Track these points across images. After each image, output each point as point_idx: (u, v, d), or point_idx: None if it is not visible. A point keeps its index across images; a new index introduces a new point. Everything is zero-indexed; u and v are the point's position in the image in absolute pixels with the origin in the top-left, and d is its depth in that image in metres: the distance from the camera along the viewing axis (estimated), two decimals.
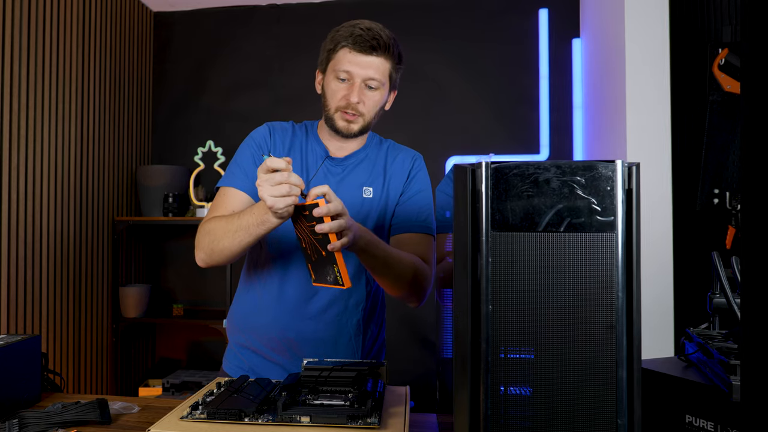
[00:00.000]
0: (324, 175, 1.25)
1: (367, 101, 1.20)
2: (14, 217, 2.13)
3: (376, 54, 1.17)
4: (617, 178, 0.57)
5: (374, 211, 1.25)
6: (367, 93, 1.20)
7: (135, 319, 2.76)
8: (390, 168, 1.29)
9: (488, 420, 0.57)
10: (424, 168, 1.33)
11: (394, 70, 1.23)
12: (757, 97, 0.40)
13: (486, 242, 0.58)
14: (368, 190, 1.25)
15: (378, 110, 1.25)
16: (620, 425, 0.56)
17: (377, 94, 1.21)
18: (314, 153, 1.27)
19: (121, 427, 0.91)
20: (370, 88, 1.20)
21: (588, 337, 0.57)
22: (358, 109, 1.19)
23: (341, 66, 1.18)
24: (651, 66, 1.99)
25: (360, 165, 1.28)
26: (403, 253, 1.17)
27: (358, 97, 1.18)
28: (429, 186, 1.32)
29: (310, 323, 1.22)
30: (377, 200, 1.25)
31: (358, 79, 1.17)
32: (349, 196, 1.23)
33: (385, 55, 1.18)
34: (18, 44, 2.14)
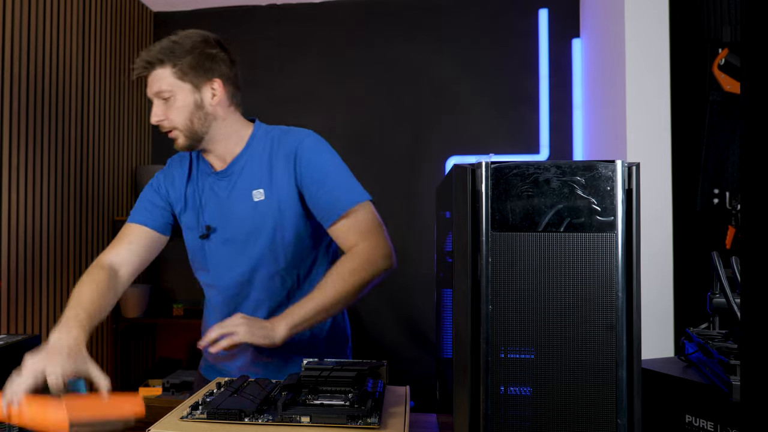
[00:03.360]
0: (213, 194, 1.23)
1: (169, 113, 1.17)
2: (14, 217, 2.13)
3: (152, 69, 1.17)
4: (617, 178, 0.57)
5: (270, 212, 1.19)
6: (165, 106, 1.18)
7: (135, 319, 2.76)
8: (275, 159, 1.21)
9: (488, 420, 0.57)
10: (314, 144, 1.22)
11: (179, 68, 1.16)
12: (757, 98, 0.40)
13: (486, 242, 0.58)
14: (259, 193, 1.19)
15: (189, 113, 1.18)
16: (620, 425, 0.56)
17: (175, 101, 1.17)
18: (203, 173, 1.26)
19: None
20: (165, 100, 1.18)
21: (588, 337, 0.57)
22: (162, 125, 1.19)
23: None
24: (651, 66, 1.99)
25: (245, 169, 1.22)
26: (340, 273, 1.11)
27: (155, 116, 1.18)
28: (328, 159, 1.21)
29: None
30: (271, 200, 1.19)
31: (154, 99, 1.19)
32: (241, 206, 1.20)
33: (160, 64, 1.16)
34: (18, 44, 2.14)
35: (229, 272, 1.22)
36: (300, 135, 1.23)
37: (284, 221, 1.19)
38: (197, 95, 1.18)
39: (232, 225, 1.21)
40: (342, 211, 1.16)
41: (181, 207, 1.27)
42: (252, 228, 1.19)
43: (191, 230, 1.26)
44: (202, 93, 1.19)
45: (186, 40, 1.18)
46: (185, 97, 1.17)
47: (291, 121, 3.22)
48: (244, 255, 1.20)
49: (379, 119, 2.86)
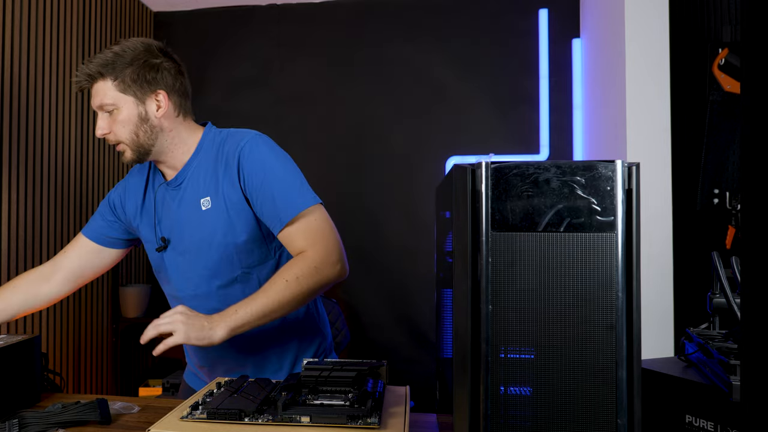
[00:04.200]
0: (163, 205, 1.22)
1: (113, 127, 1.15)
2: (14, 217, 2.13)
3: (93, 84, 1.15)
4: (617, 178, 0.57)
5: (219, 220, 1.15)
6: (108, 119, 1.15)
7: (135, 319, 2.76)
8: (219, 166, 1.17)
9: (488, 420, 0.57)
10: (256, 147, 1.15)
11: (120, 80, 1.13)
12: (757, 98, 0.40)
13: (486, 242, 0.58)
14: (206, 201, 1.16)
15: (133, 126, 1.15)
16: (620, 425, 0.56)
17: (118, 114, 1.14)
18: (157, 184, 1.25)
19: (121, 427, 0.91)
20: (109, 113, 1.15)
21: (588, 337, 0.56)
22: (108, 139, 1.17)
23: None
24: (651, 66, 1.99)
25: (192, 177, 1.19)
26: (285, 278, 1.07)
27: (100, 129, 1.16)
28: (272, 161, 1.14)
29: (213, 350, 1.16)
30: (218, 207, 1.15)
31: (98, 111, 1.16)
32: (189, 215, 1.18)
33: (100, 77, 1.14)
34: (18, 44, 2.14)
35: (188, 282, 1.21)
36: (242, 139, 1.16)
37: (235, 227, 1.14)
38: (141, 108, 1.15)
39: (184, 235, 1.19)
40: (288, 217, 1.11)
41: (138, 220, 1.26)
42: (202, 237, 1.16)
43: (149, 243, 1.25)
44: (147, 105, 1.15)
45: (127, 51, 1.14)
46: (129, 110, 1.14)
47: (291, 121, 3.21)
48: (199, 265, 1.18)
49: (379, 119, 2.86)
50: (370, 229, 2.81)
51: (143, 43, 1.16)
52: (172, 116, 1.18)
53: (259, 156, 1.14)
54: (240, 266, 1.17)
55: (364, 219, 2.82)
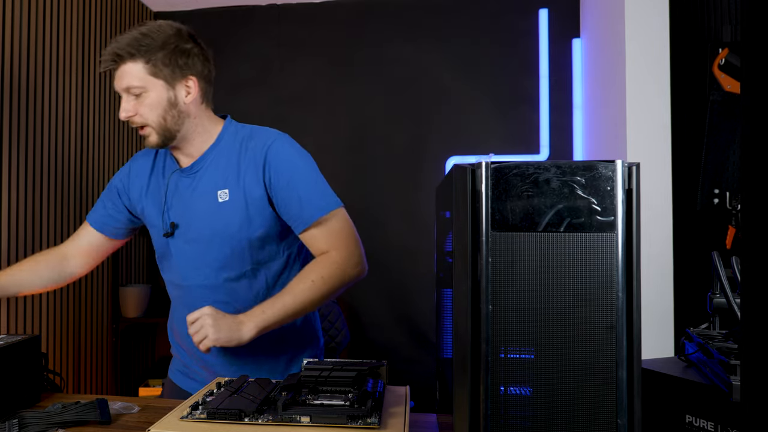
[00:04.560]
0: (176, 191, 1.21)
1: (139, 109, 1.13)
2: (14, 217, 2.13)
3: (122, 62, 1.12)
4: (617, 178, 0.57)
5: (236, 214, 1.15)
6: (135, 102, 1.13)
7: (135, 319, 2.76)
8: (243, 161, 1.17)
9: (488, 420, 0.57)
10: (284, 147, 1.17)
11: (153, 64, 1.11)
12: (757, 98, 0.40)
13: (486, 242, 0.58)
14: (224, 193, 1.16)
15: (162, 110, 1.14)
16: (620, 425, 0.56)
17: (146, 98, 1.13)
18: (169, 169, 1.24)
19: (121, 427, 0.91)
20: (136, 96, 1.13)
21: (588, 337, 0.56)
22: (134, 121, 1.15)
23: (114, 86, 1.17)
24: (651, 66, 1.99)
25: (210, 168, 1.19)
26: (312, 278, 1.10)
27: (125, 111, 1.14)
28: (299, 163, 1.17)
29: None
30: (237, 201, 1.15)
31: (123, 94, 1.14)
32: (204, 205, 1.17)
33: (130, 58, 1.11)
34: (18, 44, 2.14)
35: (195, 272, 1.19)
36: (269, 138, 1.18)
37: (252, 223, 1.15)
38: (171, 92, 1.14)
39: (195, 224, 1.18)
40: (313, 218, 1.13)
41: (143, 203, 1.25)
42: (216, 229, 1.16)
43: (155, 227, 1.23)
44: (176, 90, 1.14)
45: (159, 34, 1.12)
46: (158, 93, 1.13)
47: (291, 121, 3.22)
48: (209, 256, 1.18)
49: (379, 119, 2.86)
50: (370, 229, 2.81)
51: (172, 26, 1.16)
52: (198, 103, 1.18)
53: (286, 156, 1.15)
54: (250, 261, 1.18)
55: (364, 219, 2.82)
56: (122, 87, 1.13)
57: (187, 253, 1.19)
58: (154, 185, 1.24)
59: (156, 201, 1.23)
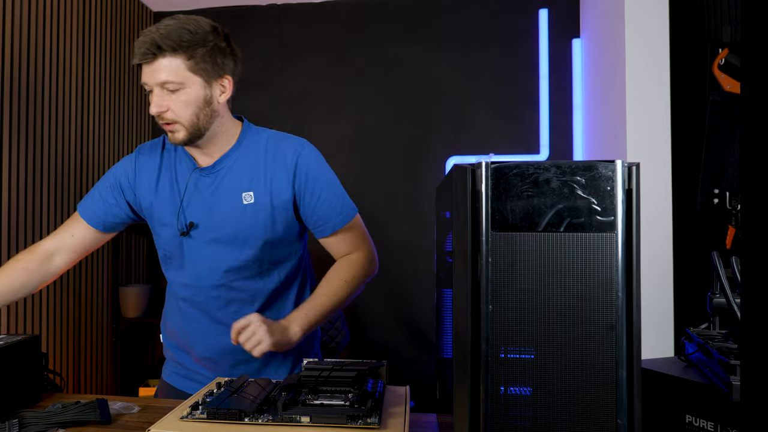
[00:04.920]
0: (195, 190, 1.19)
1: (172, 105, 1.10)
2: (14, 217, 2.13)
3: (161, 55, 1.08)
4: (617, 178, 0.57)
5: (261, 217, 1.16)
6: (169, 97, 1.10)
7: (135, 319, 2.76)
8: (271, 164, 1.17)
9: (488, 420, 0.57)
10: (313, 155, 1.20)
11: (194, 60, 1.09)
12: (757, 98, 0.40)
13: (486, 242, 0.58)
14: (248, 195, 1.16)
15: (197, 108, 1.12)
16: (620, 425, 0.56)
17: (182, 94, 1.10)
18: (183, 167, 1.21)
19: (121, 427, 0.91)
20: (171, 92, 1.09)
21: (588, 337, 0.56)
22: (164, 117, 1.10)
23: (142, 79, 1.12)
24: (651, 66, 1.99)
25: (233, 168, 1.18)
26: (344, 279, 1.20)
27: (157, 106, 1.09)
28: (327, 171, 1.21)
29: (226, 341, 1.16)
30: (262, 204, 1.16)
31: (156, 88, 1.10)
32: (225, 207, 1.17)
33: (171, 52, 1.07)
34: (18, 44, 2.14)
35: (211, 273, 1.18)
36: (298, 144, 1.20)
37: (276, 225, 1.17)
38: (207, 91, 1.12)
39: (216, 224, 1.17)
40: (341, 225, 1.21)
41: (152, 201, 1.21)
42: (240, 230, 1.16)
43: (166, 226, 1.20)
44: (213, 89, 1.13)
45: (199, 29, 1.10)
46: (195, 91, 1.11)
47: (291, 121, 3.22)
48: (229, 256, 1.17)
49: (379, 119, 2.86)
50: (370, 229, 2.80)
51: (209, 23, 1.14)
52: (225, 103, 1.19)
53: (315, 164, 1.19)
54: (268, 262, 1.20)
55: (364, 219, 2.80)
56: (157, 81, 1.09)
57: (203, 254, 1.18)
58: (164, 183, 1.20)
59: (169, 199, 1.19)
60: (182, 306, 1.25)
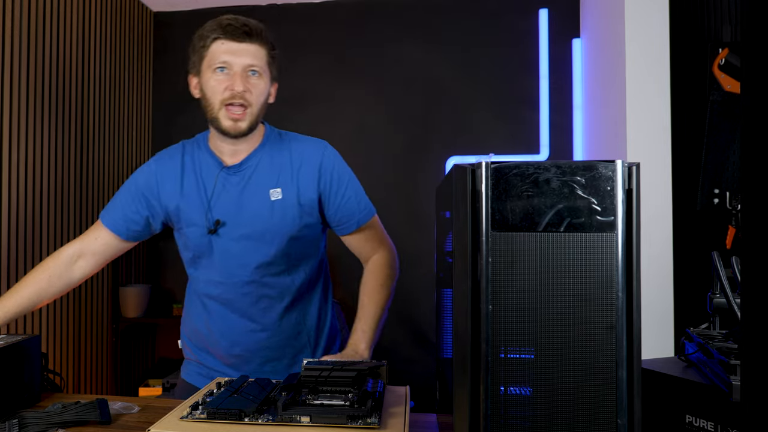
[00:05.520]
0: (223, 188, 1.20)
1: (252, 89, 1.13)
2: (14, 218, 2.12)
3: (249, 40, 1.13)
4: (617, 178, 0.57)
5: (289, 213, 1.19)
6: (250, 80, 1.14)
7: (135, 319, 2.76)
8: (296, 164, 1.21)
9: (488, 420, 0.57)
10: (335, 155, 1.26)
11: (271, 58, 1.18)
12: (757, 98, 0.40)
13: (486, 242, 0.58)
14: (276, 192, 1.19)
15: (264, 101, 1.18)
16: (620, 425, 0.56)
17: (261, 82, 1.15)
18: (208, 168, 1.22)
19: (121, 427, 0.91)
20: (253, 74, 1.14)
21: (588, 337, 0.56)
22: (245, 98, 1.13)
23: (218, 57, 1.13)
24: (651, 66, 1.99)
25: (260, 166, 1.21)
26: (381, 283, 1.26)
27: (243, 84, 1.12)
28: (348, 170, 1.27)
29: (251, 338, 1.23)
30: (289, 200, 1.19)
31: (238, 68, 1.12)
32: (253, 203, 1.19)
33: (258, 41, 1.14)
34: (18, 44, 2.13)
35: (243, 269, 1.20)
36: (321, 145, 1.26)
37: (301, 223, 1.21)
38: (268, 89, 1.20)
39: (245, 221, 1.19)
40: (361, 222, 1.26)
41: (178, 203, 1.22)
42: (268, 226, 1.19)
43: (194, 226, 1.21)
44: (270, 89, 1.21)
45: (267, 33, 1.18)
46: (265, 84, 1.17)
47: (291, 121, 3.22)
48: (259, 252, 1.19)
49: (379, 119, 2.86)
50: None
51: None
52: None
53: (338, 165, 1.25)
54: (294, 257, 1.23)
55: None
56: (245, 62, 1.12)
57: (232, 250, 1.20)
58: (189, 185, 1.22)
59: (196, 199, 1.21)
60: (209, 304, 1.26)
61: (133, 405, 0.99)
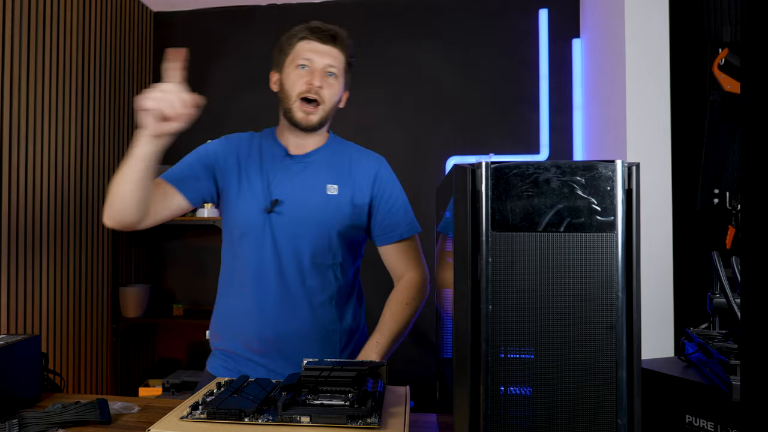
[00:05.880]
0: (284, 173, 1.26)
1: (327, 88, 1.23)
2: (14, 217, 2.12)
3: (332, 44, 1.23)
4: (617, 178, 0.57)
5: (342, 209, 1.25)
6: (327, 80, 1.23)
7: (135, 319, 2.76)
8: (355, 169, 1.29)
9: (488, 420, 0.57)
10: (390, 170, 1.34)
11: (348, 65, 1.27)
12: (757, 98, 0.40)
13: (486, 242, 0.58)
14: (333, 188, 1.26)
15: (335, 102, 1.27)
16: (620, 425, 0.56)
17: (336, 83, 1.25)
18: (272, 154, 1.28)
19: (121, 427, 0.91)
20: (330, 75, 1.23)
21: (588, 337, 0.56)
22: (320, 94, 1.21)
23: (301, 55, 1.23)
24: (651, 66, 1.99)
25: (321, 162, 1.28)
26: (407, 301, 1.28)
27: (321, 81, 1.21)
28: (399, 186, 1.35)
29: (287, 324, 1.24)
30: (344, 198, 1.26)
31: (319, 66, 1.22)
32: (310, 192, 1.24)
33: (340, 47, 1.24)
34: (18, 44, 2.13)
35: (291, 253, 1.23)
36: (379, 158, 1.35)
37: (352, 223, 1.26)
38: (341, 93, 1.28)
39: (300, 205, 1.24)
40: (404, 236, 1.30)
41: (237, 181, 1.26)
42: (322, 217, 1.23)
43: (251, 203, 1.24)
44: (342, 94, 1.29)
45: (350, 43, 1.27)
46: (340, 87, 1.26)
47: None
48: (308, 239, 1.23)
49: (379, 119, 2.86)
50: None
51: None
52: None
53: (393, 178, 1.33)
54: (340, 255, 1.27)
55: None
56: (326, 62, 1.22)
57: (285, 232, 1.23)
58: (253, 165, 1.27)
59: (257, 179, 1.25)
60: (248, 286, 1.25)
61: (133, 405, 0.99)
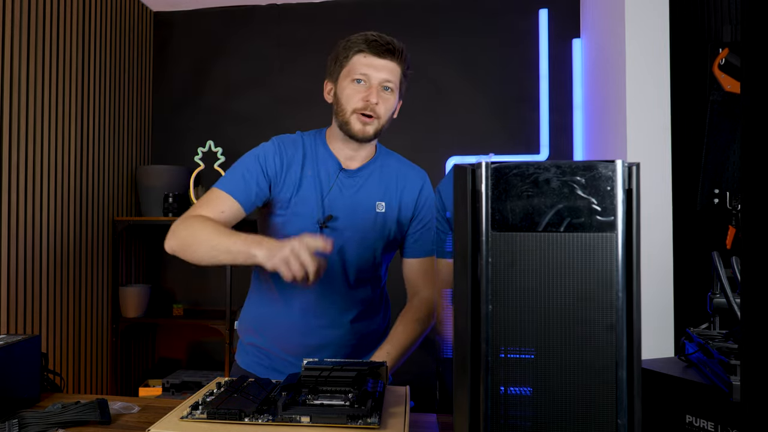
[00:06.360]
0: (339, 189, 1.26)
1: (383, 103, 1.21)
2: (14, 217, 2.12)
3: (389, 58, 1.20)
4: (617, 178, 0.57)
5: (388, 226, 1.28)
6: (383, 95, 1.21)
7: (135, 319, 2.76)
8: (401, 184, 1.31)
9: (488, 420, 0.57)
10: (431, 186, 1.35)
11: (404, 77, 1.25)
12: (757, 98, 0.40)
13: (486, 242, 0.58)
14: (381, 205, 1.28)
15: (390, 115, 1.26)
16: (620, 425, 0.56)
17: (392, 97, 1.23)
18: (326, 166, 1.27)
19: (121, 427, 0.91)
20: (386, 90, 1.22)
21: (588, 337, 0.56)
22: (375, 110, 1.20)
23: (358, 69, 1.20)
24: (651, 66, 1.99)
25: (372, 177, 1.29)
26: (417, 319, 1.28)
27: (377, 97, 1.19)
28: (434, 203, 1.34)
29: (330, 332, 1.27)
30: (390, 216, 1.28)
31: (375, 81, 1.20)
32: (362, 210, 1.26)
33: (397, 60, 1.21)
34: (18, 44, 2.13)
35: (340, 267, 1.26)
36: (423, 173, 1.37)
37: (393, 238, 1.29)
38: (396, 105, 1.26)
39: (353, 223, 1.25)
40: (429, 253, 1.31)
41: (292, 191, 1.24)
42: (372, 234, 1.26)
43: (302, 217, 1.23)
44: (397, 106, 1.27)
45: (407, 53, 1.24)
46: (395, 100, 1.24)
47: (291, 122, 3.21)
48: (356, 254, 1.25)
49: None
50: None
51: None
52: None
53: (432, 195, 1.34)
54: (374, 271, 1.30)
55: None
56: (382, 77, 1.20)
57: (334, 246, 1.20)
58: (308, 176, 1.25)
59: (312, 192, 1.24)
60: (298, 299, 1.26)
61: (133, 405, 0.99)
